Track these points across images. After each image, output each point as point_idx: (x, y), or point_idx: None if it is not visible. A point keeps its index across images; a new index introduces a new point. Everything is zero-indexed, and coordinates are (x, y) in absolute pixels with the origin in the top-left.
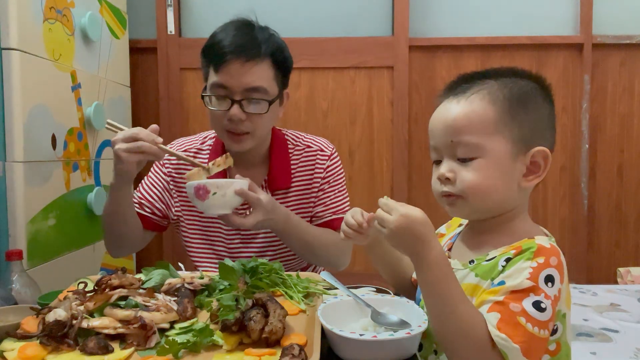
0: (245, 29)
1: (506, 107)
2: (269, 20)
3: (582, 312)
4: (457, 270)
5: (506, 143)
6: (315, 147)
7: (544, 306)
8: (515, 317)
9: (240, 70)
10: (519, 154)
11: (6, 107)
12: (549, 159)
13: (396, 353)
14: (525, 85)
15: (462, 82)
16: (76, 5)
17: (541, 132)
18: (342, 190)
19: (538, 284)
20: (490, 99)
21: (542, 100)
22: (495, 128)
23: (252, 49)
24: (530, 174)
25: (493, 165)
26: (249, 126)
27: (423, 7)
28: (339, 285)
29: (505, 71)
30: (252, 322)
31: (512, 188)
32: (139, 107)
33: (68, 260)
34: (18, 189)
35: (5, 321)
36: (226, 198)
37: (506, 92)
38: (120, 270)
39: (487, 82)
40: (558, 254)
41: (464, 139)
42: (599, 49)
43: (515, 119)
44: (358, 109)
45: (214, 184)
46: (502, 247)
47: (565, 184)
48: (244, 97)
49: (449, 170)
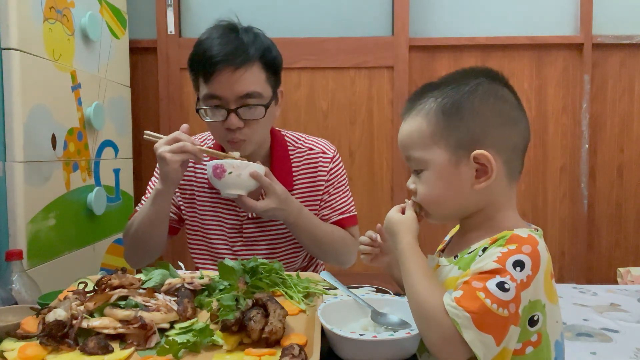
0: (230, 33)
1: (439, 119)
2: (268, 21)
3: (582, 312)
4: (445, 266)
5: (444, 153)
6: (317, 150)
7: (508, 287)
8: (475, 292)
9: (231, 79)
10: (460, 160)
11: (6, 107)
12: (490, 160)
13: (396, 353)
14: (462, 88)
15: (409, 101)
16: (76, 5)
17: (483, 133)
18: (346, 190)
19: (505, 267)
20: (424, 114)
21: (481, 100)
22: (431, 140)
23: (240, 55)
24: (481, 175)
25: (437, 175)
26: (247, 133)
27: (423, 7)
28: (339, 285)
29: (451, 76)
30: (252, 322)
31: (465, 192)
32: (139, 107)
33: (68, 260)
34: (18, 189)
35: (5, 321)
36: (241, 179)
37: (438, 104)
38: (120, 270)
39: (428, 96)
40: (534, 244)
41: (411, 155)
42: (599, 49)
43: (449, 128)
44: (358, 109)
45: (230, 164)
46: (483, 240)
47: (565, 184)
48: (239, 105)
49: (412, 182)
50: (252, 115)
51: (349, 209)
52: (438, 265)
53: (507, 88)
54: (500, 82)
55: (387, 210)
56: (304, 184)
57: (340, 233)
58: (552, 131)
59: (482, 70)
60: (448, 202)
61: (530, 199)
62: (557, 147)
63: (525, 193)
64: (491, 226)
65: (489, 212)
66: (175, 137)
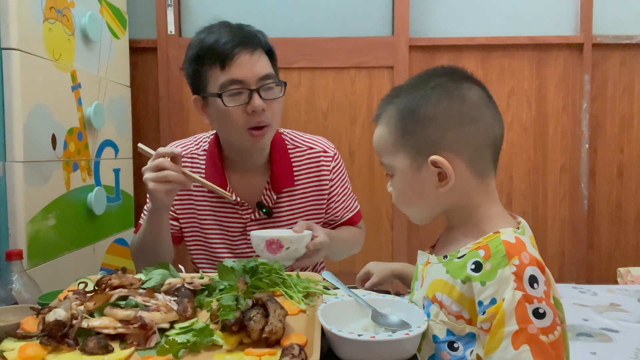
0: (232, 27)
1: (397, 125)
2: (268, 21)
3: (582, 312)
4: (434, 264)
5: (405, 159)
6: (318, 149)
7: (542, 311)
8: (538, 338)
9: (250, 61)
10: (421, 165)
11: (6, 107)
12: (446, 164)
13: (395, 353)
14: (418, 93)
15: (378, 107)
16: (76, 5)
17: (439, 137)
18: (349, 186)
19: (527, 292)
20: (386, 121)
21: (434, 105)
22: (393, 147)
23: (253, 39)
24: (443, 179)
25: (402, 180)
26: (269, 116)
27: (423, 7)
28: (340, 285)
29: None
30: (252, 322)
31: (430, 195)
32: (139, 107)
33: (68, 260)
34: (18, 189)
35: (5, 321)
36: (297, 252)
37: (398, 110)
38: (120, 270)
39: (393, 100)
40: (524, 246)
41: (382, 160)
42: (599, 49)
43: (406, 134)
44: (358, 109)
45: (287, 239)
46: (470, 243)
47: (565, 184)
48: (259, 86)
49: (389, 185)
50: (273, 95)
51: (355, 204)
52: (428, 262)
53: (470, 84)
54: (462, 80)
55: (387, 210)
56: (307, 183)
57: (356, 233)
58: (552, 131)
59: (443, 70)
60: (417, 205)
61: (530, 199)
62: (557, 147)
63: (525, 193)
64: (473, 223)
65: (467, 210)
66: (159, 164)
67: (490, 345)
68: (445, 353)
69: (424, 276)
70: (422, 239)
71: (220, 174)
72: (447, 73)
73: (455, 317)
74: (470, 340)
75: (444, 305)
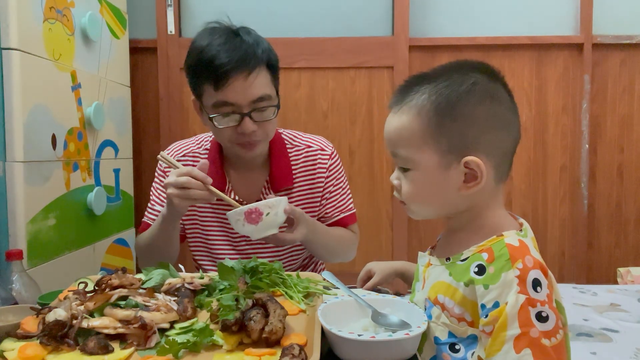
0: (233, 38)
1: (432, 118)
2: (268, 21)
3: (582, 312)
4: (436, 266)
5: (434, 155)
6: (315, 147)
7: (545, 314)
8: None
9: (244, 85)
10: (450, 164)
11: (6, 107)
12: (482, 167)
13: (395, 354)
14: (458, 87)
15: (399, 92)
16: (76, 5)
17: (476, 138)
18: (346, 187)
19: (530, 295)
20: (416, 110)
21: (478, 103)
22: (422, 141)
23: (250, 60)
24: (470, 180)
25: (424, 176)
26: (261, 134)
27: (423, 7)
28: (340, 285)
29: (445, 69)
30: (252, 322)
31: (451, 195)
32: (139, 107)
33: (68, 260)
34: (18, 189)
35: (5, 321)
36: (277, 217)
37: (433, 101)
38: (120, 270)
39: (420, 88)
40: (528, 250)
41: (398, 152)
42: (599, 49)
43: (441, 129)
44: (358, 109)
45: (265, 205)
46: (473, 246)
47: (565, 184)
48: (252, 109)
49: (395, 177)
50: (265, 117)
51: (350, 206)
52: (429, 264)
53: (502, 86)
54: (498, 81)
55: (387, 210)
56: (303, 182)
57: (345, 234)
58: (552, 131)
59: (478, 66)
60: (432, 203)
61: (530, 199)
62: (557, 147)
63: (525, 193)
64: (477, 226)
65: (474, 212)
66: (185, 183)
67: (492, 348)
68: (447, 355)
69: (426, 278)
70: (422, 239)
71: (220, 174)
72: (482, 69)
73: (457, 319)
74: (471, 342)
75: (446, 307)
